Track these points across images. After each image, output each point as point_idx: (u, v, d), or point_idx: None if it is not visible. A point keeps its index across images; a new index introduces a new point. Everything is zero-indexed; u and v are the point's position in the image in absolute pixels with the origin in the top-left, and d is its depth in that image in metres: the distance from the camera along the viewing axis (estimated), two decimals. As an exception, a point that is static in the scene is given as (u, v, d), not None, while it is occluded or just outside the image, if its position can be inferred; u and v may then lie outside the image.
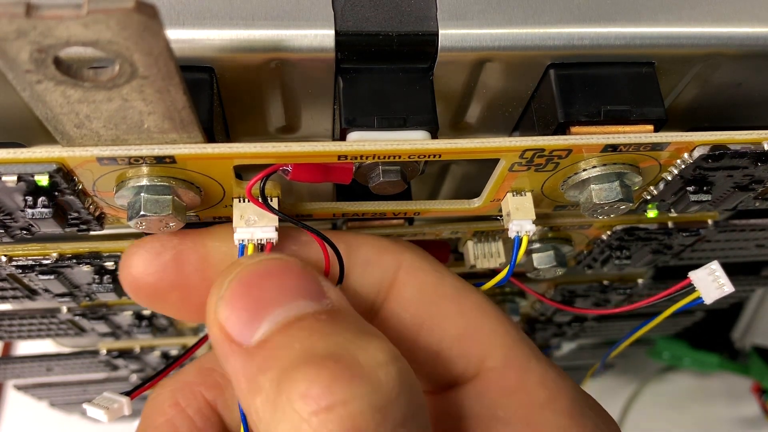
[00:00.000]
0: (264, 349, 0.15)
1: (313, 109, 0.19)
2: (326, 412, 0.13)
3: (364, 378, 0.14)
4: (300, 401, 0.14)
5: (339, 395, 0.13)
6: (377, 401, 0.14)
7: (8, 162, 0.15)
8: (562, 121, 0.17)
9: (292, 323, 0.15)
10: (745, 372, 0.53)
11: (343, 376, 0.14)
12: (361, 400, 0.14)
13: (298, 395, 0.14)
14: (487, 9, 0.17)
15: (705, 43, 0.17)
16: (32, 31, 0.11)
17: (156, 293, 0.18)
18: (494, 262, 0.24)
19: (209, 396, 0.18)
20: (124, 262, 0.18)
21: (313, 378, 0.14)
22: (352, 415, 0.13)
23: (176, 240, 0.18)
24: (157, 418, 0.18)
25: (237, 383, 0.15)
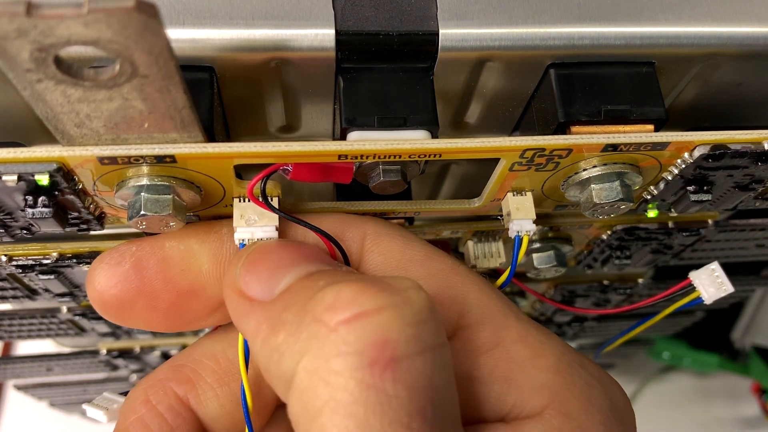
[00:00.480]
0: (288, 293, 0.15)
1: (314, 108, 0.19)
2: (355, 320, 0.13)
3: (395, 292, 0.13)
4: (327, 313, 0.13)
5: (369, 303, 0.13)
6: (409, 316, 0.13)
7: (8, 161, 0.15)
8: (563, 121, 0.17)
9: (314, 273, 0.15)
10: (745, 372, 0.53)
11: (371, 288, 0.13)
12: (392, 311, 0.13)
13: (323, 308, 0.13)
14: (488, 8, 0.17)
15: (705, 43, 0.17)
16: (33, 30, 0.11)
17: (122, 305, 0.18)
18: (494, 262, 0.24)
19: (180, 391, 0.18)
20: (89, 281, 0.18)
21: (339, 290, 0.13)
22: (382, 324, 0.13)
23: (134, 247, 0.18)
24: (129, 416, 0.18)
25: (256, 335, 0.14)
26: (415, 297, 0.13)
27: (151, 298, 0.18)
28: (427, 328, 0.13)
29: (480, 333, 0.17)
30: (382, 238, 0.18)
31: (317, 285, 0.14)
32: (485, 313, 0.17)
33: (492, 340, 0.17)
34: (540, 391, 0.16)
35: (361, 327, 0.13)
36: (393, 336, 0.13)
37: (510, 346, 0.16)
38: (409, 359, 0.13)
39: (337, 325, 0.13)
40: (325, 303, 0.13)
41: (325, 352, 0.13)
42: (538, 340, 0.17)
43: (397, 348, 0.13)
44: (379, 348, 0.13)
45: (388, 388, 0.12)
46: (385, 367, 0.12)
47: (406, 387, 0.12)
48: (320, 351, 0.13)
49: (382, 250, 0.18)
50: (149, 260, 0.18)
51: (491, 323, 0.17)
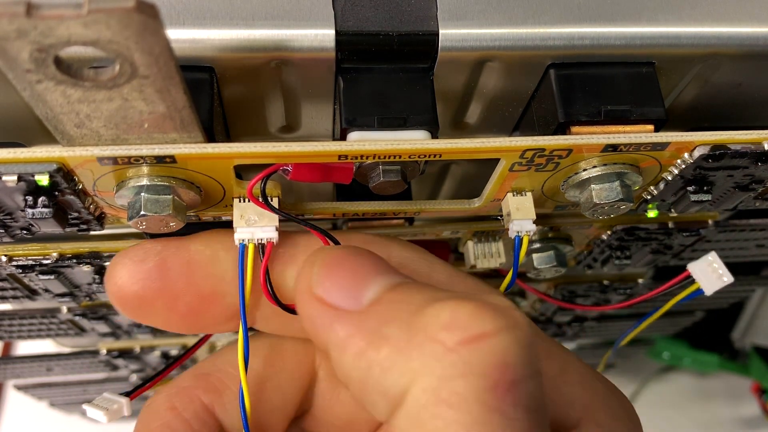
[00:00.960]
0: (380, 305, 0.14)
1: (314, 108, 0.19)
2: (476, 341, 0.13)
3: (506, 314, 0.13)
4: (445, 332, 0.13)
5: (488, 325, 0.13)
6: (522, 338, 0.13)
7: (8, 162, 0.15)
8: (563, 121, 0.17)
9: (401, 284, 0.15)
10: (745, 372, 0.53)
11: (486, 308, 0.13)
12: (509, 334, 0.13)
13: (440, 326, 0.13)
14: (488, 9, 0.17)
15: (705, 43, 0.17)
16: (33, 31, 0.11)
17: (142, 302, 0.17)
18: (494, 262, 0.24)
19: (206, 400, 0.18)
20: (109, 275, 0.17)
21: (454, 309, 0.13)
22: (503, 347, 0.13)
23: (159, 246, 0.17)
24: (152, 422, 0.18)
25: (347, 347, 0.14)
26: (521, 318, 0.14)
27: (172, 299, 0.18)
28: (534, 352, 0.13)
29: None
30: (407, 263, 0.18)
31: (414, 298, 0.14)
32: None
33: None
34: (573, 406, 0.17)
35: (483, 349, 0.13)
36: (512, 359, 0.13)
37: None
38: (525, 382, 0.13)
39: (457, 345, 0.13)
40: (441, 322, 0.13)
41: (446, 373, 0.13)
42: (559, 355, 0.18)
43: (517, 371, 0.13)
44: (501, 371, 0.13)
45: (510, 411, 0.12)
46: (507, 390, 0.12)
47: (525, 410, 0.13)
48: (440, 371, 0.13)
49: (408, 273, 0.18)
50: (174, 261, 0.17)
51: None
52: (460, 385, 0.12)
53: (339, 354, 0.14)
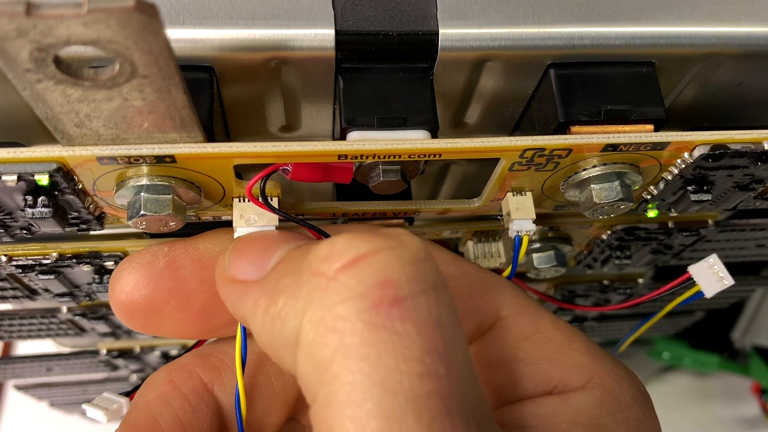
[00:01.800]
0: (280, 264, 0.15)
1: (313, 108, 0.19)
2: (353, 264, 0.13)
3: (388, 236, 0.13)
4: (324, 263, 0.13)
5: (364, 247, 0.13)
6: (407, 255, 0.13)
7: (8, 161, 0.15)
8: (563, 121, 0.17)
9: (303, 245, 0.15)
10: (745, 372, 0.53)
11: (365, 235, 0.13)
12: (389, 252, 0.13)
13: (319, 260, 0.13)
14: (487, 8, 0.17)
15: (705, 43, 0.17)
16: (32, 30, 0.11)
17: (152, 307, 0.17)
18: (494, 262, 0.24)
19: (206, 377, 0.18)
20: (116, 282, 0.17)
21: (333, 241, 0.13)
22: (381, 265, 0.13)
23: (166, 248, 0.17)
24: (149, 393, 0.18)
25: (255, 313, 0.14)
26: (409, 240, 0.13)
27: (184, 299, 0.17)
28: (427, 268, 0.13)
29: (520, 321, 0.18)
30: None
31: (310, 249, 0.14)
32: (521, 304, 0.18)
33: (531, 327, 0.18)
34: (580, 369, 0.17)
35: (360, 270, 0.12)
36: (394, 276, 0.13)
37: (547, 332, 0.18)
38: (413, 297, 0.13)
39: (336, 272, 0.13)
40: (321, 255, 0.13)
41: (328, 301, 0.13)
42: (567, 328, 0.18)
43: (400, 287, 0.12)
44: (382, 288, 0.12)
45: (397, 326, 0.12)
46: (391, 305, 0.12)
47: (414, 324, 0.12)
48: (323, 301, 0.13)
49: None
50: (184, 260, 0.17)
51: (528, 313, 0.18)
52: (342, 309, 0.12)
53: (251, 323, 0.15)
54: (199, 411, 0.18)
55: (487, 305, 0.18)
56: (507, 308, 0.18)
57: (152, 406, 0.17)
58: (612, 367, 0.18)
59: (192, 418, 0.18)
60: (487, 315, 0.18)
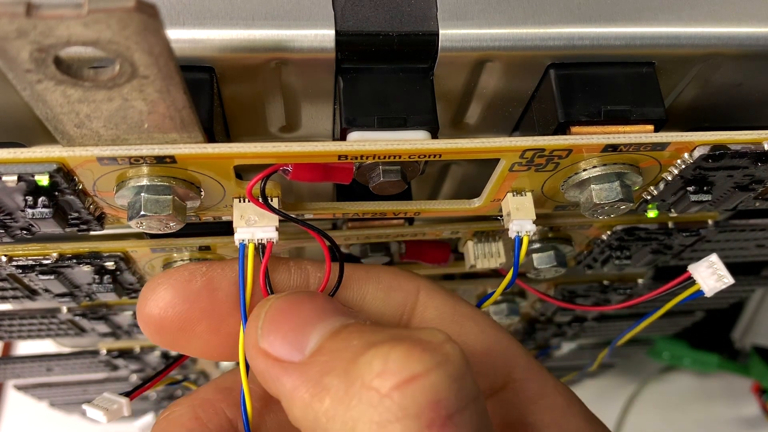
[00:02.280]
0: (321, 354, 0.15)
1: (314, 108, 0.19)
2: (408, 384, 0.13)
3: (436, 351, 0.14)
4: (378, 379, 0.13)
5: (418, 367, 0.13)
6: (453, 372, 0.14)
7: (8, 162, 0.15)
8: (563, 121, 0.17)
9: (340, 330, 0.15)
10: (745, 372, 0.53)
11: (415, 349, 0.14)
12: (439, 371, 0.13)
13: (374, 375, 0.13)
14: (488, 9, 0.17)
15: (705, 43, 0.17)
16: (33, 31, 0.11)
17: (183, 326, 0.17)
18: (494, 262, 0.24)
19: (230, 414, 0.18)
20: (147, 297, 0.17)
21: (385, 355, 0.13)
22: (433, 385, 0.13)
23: (204, 267, 0.17)
24: (176, 429, 0.18)
25: (294, 399, 0.15)
26: (452, 351, 0.14)
27: (217, 322, 0.17)
28: (468, 381, 0.14)
29: (530, 384, 0.19)
30: (435, 295, 0.19)
31: (352, 345, 0.14)
32: (530, 367, 0.19)
33: (540, 391, 0.19)
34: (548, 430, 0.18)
35: (415, 390, 0.13)
36: (443, 395, 0.13)
37: (552, 397, 0.19)
38: (459, 414, 0.13)
39: (390, 391, 0.13)
40: (375, 370, 0.13)
41: (380, 418, 0.13)
42: (565, 389, 0.19)
43: (449, 406, 0.13)
44: (434, 408, 0.13)
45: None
46: (442, 426, 0.13)
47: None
48: (375, 416, 0.13)
49: (436, 305, 0.19)
50: (221, 282, 0.17)
51: (537, 376, 0.19)
52: (396, 429, 0.13)
53: (289, 405, 0.15)
54: None
55: (503, 365, 0.19)
56: (519, 369, 0.19)
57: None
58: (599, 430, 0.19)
59: None
60: (499, 376, 0.19)
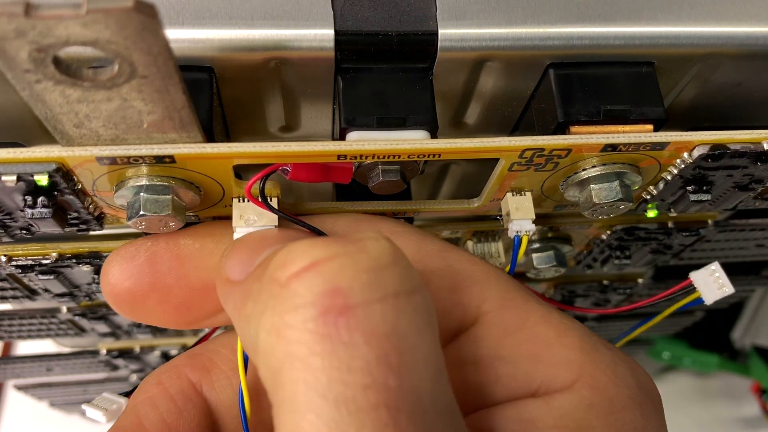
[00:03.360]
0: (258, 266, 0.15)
1: (313, 108, 0.19)
2: (304, 272, 0.12)
3: (349, 242, 0.13)
4: (278, 270, 0.13)
5: (318, 255, 0.12)
6: (364, 262, 0.12)
7: (8, 162, 0.15)
8: (562, 121, 0.17)
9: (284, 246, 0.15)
10: (745, 372, 0.53)
11: (323, 241, 0.13)
12: (343, 258, 0.12)
13: (275, 266, 0.13)
14: (487, 8, 0.17)
15: (705, 42, 0.17)
16: (31, 31, 0.11)
17: (134, 298, 0.18)
18: (494, 262, 0.24)
19: (194, 377, 0.18)
20: (103, 274, 0.18)
21: (291, 248, 0.13)
22: (332, 272, 0.12)
23: (149, 242, 0.18)
24: (138, 396, 0.18)
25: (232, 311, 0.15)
26: (372, 245, 0.13)
27: (164, 293, 0.18)
28: (388, 275, 0.13)
29: (504, 316, 0.17)
30: (396, 237, 0.18)
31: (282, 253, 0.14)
32: (507, 297, 0.17)
33: (516, 323, 0.17)
34: (568, 367, 0.16)
35: (310, 277, 0.12)
36: (344, 283, 0.12)
37: (534, 327, 0.17)
38: (366, 306, 0.12)
39: (287, 279, 0.12)
40: (278, 261, 0.13)
41: (279, 309, 0.12)
42: (560, 321, 0.17)
43: (351, 295, 0.12)
44: (330, 296, 0.12)
45: (344, 336, 0.12)
46: (339, 314, 0.12)
47: (363, 333, 0.12)
48: (275, 308, 0.13)
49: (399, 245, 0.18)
50: (164, 255, 0.18)
51: (514, 306, 0.17)
52: (291, 317, 0.12)
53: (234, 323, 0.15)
54: (186, 412, 0.18)
55: (470, 300, 0.17)
56: (492, 301, 0.17)
57: (139, 408, 0.18)
58: (608, 363, 0.16)
59: (178, 419, 0.18)
60: (469, 310, 0.17)
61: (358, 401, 0.12)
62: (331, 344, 0.12)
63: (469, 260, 0.18)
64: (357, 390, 0.12)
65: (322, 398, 0.12)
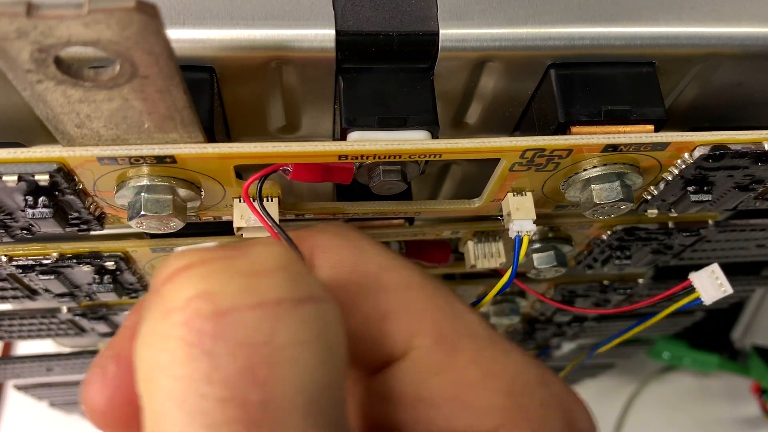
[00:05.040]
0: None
1: (314, 108, 0.19)
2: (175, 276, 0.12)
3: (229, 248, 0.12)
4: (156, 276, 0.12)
5: (192, 258, 0.12)
6: (240, 267, 0.12)
7: (9, 162, 0.15)
8: (563, 121, 0.17)
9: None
10: (745, 372, 0.53)
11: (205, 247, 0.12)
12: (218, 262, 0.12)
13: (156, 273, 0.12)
14: (488, 9, 0.17)
15: (705, 43, 0.17)
16: (33, 31, 0.11)
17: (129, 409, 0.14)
18: (495, 262, 0.24)
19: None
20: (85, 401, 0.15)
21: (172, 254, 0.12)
22: (203, 276, 0.12)
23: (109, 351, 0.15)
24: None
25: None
26: (258, 250, 0.12)
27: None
28: (269, 280, 0.12)
29: (432, 355, 0.16)
30: (331, 252, 0.17)
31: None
32: (439, 335, 0.16)
33: (444, 362, 0.16)
34: (490, 413, 0.15)
35: (180, 281, 0.12)
36: (215, 288, 0.11)
37: (461, 368, 0.16)
38: (237, 313, 0.11)
39: (160, 285, 0.12)
40: (159, 268, 0.12)
41: (150, 315, 0.12)
42: (492, 359, 0.16)
43: (221, 301, 0.11)
44: (199, 301, 0.11)
45: (208, 344, 0.11)
46: (206, 320, 0.11)
47: (228, 343, 0.11)
48: (148, 314, 0.12)
49: (330, 264, 0.16)
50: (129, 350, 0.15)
51: (444, 345, 0.16)
52: (160, 324, 0.12)
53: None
54: None
55: (401, 331, 0.16)
56: (422, 337, 0.16)
57: None
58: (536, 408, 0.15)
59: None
60: (398, 343, 0.16)
61: (215, 415, 0.11)
62: (193, 352, 0.11)
63: (409, 283, 0.16)
64: (214, 403, 0.11)
65: (179, 408, 0.11)
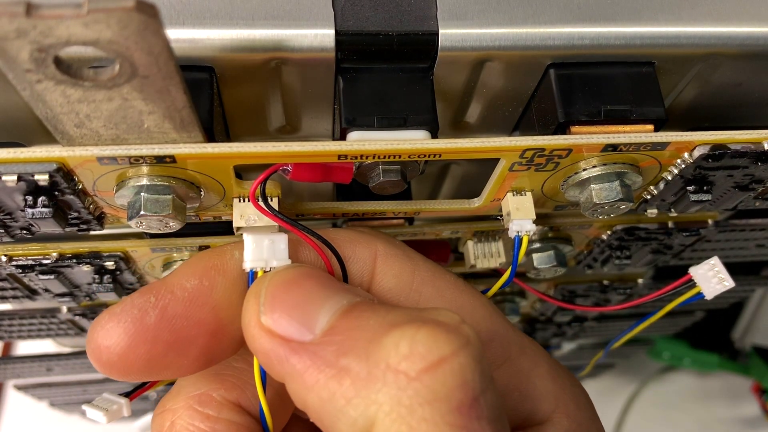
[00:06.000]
0: (334, 334, 0.14)
1: (314, 108, 0.19)
2: (436, 367, 0.13)
3: (459, 333, 0.14)
4: (405, 362, 0.13)
5: (446, 349, 0.13)
6: (475, 353, 0.14)
7: (8, 162, 0.15)
8: (563, 121, 0.17)
9: (351, 308, 0.15)
10: (745, 372, 0.53)
11: (440, 331, 0.14)
12: (464, 352, 0.14)
13: (400, 357, 0.13)
14: (487, 9, 0.17)
15: (705, 43, 0.17)
16: (32, 31, 0.11)
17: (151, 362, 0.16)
18: (494, 262, 0.24)
19: (231, 397, 0.17)
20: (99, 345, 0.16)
21: (411, 337, 0.14)
22: (462, 367, 0.13)
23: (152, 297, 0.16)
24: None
25: (306, 380, 0.14)
26: (471, 333, 0.14)
27: (184, 346, 0.16)
28: (486, 361, 0.14)
29: (492, 349, 0.18)
30: (392, 261, 0.18)
31: (369, 325, 0.14)
32: (492, 330, 0.18)
33: (502, 355, 0.18)
34: (546, 398, 0.18)
35: (444, 373, 0.13)
36: (470, 376, 0.13)
37: (516, 360, 0.18)
38: (483, 395, 0.14)
39: (419, 374, 0.13)
40: (402, 352, 0.13)
41: (410, 402, 0.13)
42: (532, 350, 0.18)
43: (475, 387, 0.13)
44: (463, 390, 0.13)
45: (475, 426, 0.13)
46: (470, 406, 0.13)
47: (488, 421, 0.13)
48: (404, 400, 0.13)
49: (393, 272, 0.18)
50: (176, 308, 0.16)
51: (499, 339, 0.18)
52: (427, 411, 0.13)
53: (297, 387, 0.14)
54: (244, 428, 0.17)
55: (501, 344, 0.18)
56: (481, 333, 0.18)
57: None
58: (570, 388, 0.18)
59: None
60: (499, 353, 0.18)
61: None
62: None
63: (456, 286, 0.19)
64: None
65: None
